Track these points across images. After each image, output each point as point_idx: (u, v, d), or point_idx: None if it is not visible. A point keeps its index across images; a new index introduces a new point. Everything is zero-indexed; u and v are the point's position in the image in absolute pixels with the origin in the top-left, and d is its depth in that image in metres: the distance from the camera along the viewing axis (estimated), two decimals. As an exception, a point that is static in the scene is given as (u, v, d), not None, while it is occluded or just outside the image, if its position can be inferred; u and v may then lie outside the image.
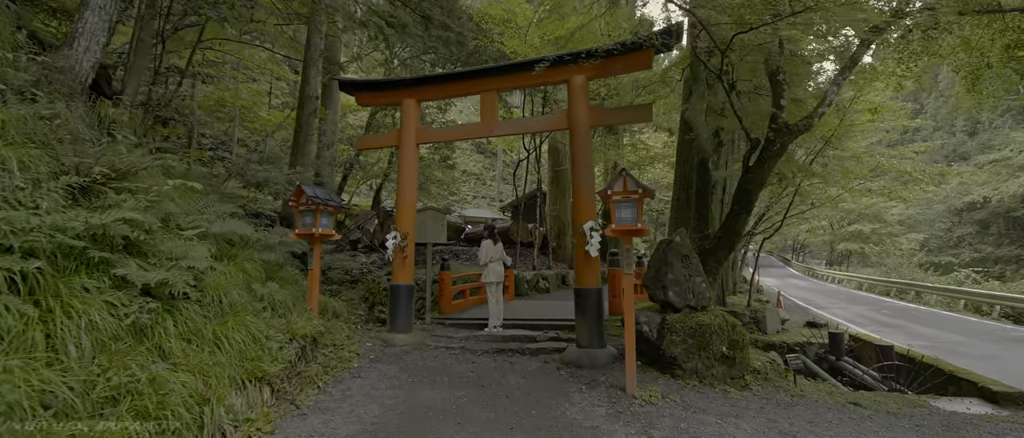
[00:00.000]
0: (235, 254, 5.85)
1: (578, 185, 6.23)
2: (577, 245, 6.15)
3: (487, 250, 7.74)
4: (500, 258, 7.75)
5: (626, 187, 4.73)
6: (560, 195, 19.68)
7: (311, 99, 10.45)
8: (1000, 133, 32.16)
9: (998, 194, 28.29)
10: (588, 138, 6.28)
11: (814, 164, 11.19)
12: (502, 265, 7.78)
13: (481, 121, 6.87)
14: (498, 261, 7.71)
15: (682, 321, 5.38)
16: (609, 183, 4.81)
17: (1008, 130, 31.69)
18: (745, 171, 6.46)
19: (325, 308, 7.16)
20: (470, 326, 8.16)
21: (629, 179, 4.72)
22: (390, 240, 6.99)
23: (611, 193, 4.77)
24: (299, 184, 5.85)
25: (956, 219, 31.97)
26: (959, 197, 29.90)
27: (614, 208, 4.79)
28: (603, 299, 6.14)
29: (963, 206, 31.13)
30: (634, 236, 4.86)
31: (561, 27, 12.36)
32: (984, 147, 31.79)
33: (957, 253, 30.57)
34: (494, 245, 7.81)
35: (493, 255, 7.71)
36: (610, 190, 4.74)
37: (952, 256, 30.34)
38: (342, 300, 8.90)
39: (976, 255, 30.01)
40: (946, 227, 32.12)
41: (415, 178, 7.24)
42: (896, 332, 11.49)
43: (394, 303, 6.96)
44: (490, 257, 7.70)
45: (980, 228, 31.69)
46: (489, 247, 7.77)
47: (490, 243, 7.82)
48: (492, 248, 7.76)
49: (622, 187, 4.75)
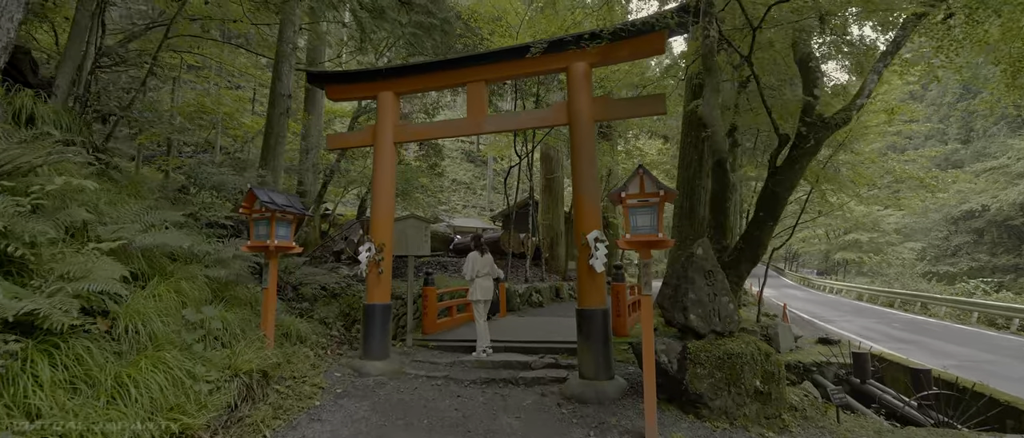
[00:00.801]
0: (173, 272, 4.89)
1: (580, 189, 5.37)
2: (579, 258, 5.28)
3: (474, 263, 6.84)
4: (489, 272, 6.90)
5: (643, 188, 3.87)
6: (553, 204, 18.87)
7: (283, 97, 9.54)
8: (996, 140, 31.97)
9: (997, 202, 27.94)
10: (591, 134, 5.43)
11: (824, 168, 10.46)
12: (491, 280, 6.94)
13: (468, 116, 6.00)
14: (487, 276, 6.86)
15: (707, 350, 4.50)
16: (623, 184, 3.94)
17: (1004, 137, 31.50)
18: (772, 172, 5.65)
19: (288, 332, 6.20)
20: (457, 348, 7.23)
21: (647, 179, 3.87)
22: (363, 252, 6.07)
23: (625, 196, 3.90)
24: (251, 186, 4.92)
25: (953, 228, 31.61)
26: (957, 205, 29.55)
27: (628, 214, 3.92)
28: (610, 321, 5.26)
29: (960, 215, 30.79)
30: (653, 248, 3.99)
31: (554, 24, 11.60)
32: (979, 155, 31.57)
33: (954, 262, 30.15)
34: (481, 257, 6.93)
35: (480, 268, 6.83)
36: (624, 193, 3.88)
37: (950, 265, 29.91)
38: (314, 320, 7.93)
39: (974, 264, 29.59)
40: (943, 236, 31.75)
41: (392, 181, 6.35)
42: (915, 348, 10.72)
43: (368, 325, 6.02)
44: (477, 271, 6.81)
45: (976, 237, 31.35)
46: (476, 259, 6.88)
47: (477, 255, 6.93)
48: (479, 260, 6.88)
49: (638, 188, 3.88)
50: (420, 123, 6.51)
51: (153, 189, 6.93)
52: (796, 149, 5.46)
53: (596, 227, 5.27)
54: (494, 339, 7.24)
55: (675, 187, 12.26)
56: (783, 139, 5.55)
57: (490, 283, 6.91)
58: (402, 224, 7.62)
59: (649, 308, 3.92)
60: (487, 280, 6.89)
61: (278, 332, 6.24)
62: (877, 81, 5.44)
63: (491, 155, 32.31)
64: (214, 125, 20.87)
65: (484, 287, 6.83)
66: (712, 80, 6.57)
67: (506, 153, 25.84)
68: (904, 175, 12.59)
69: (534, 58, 5.65)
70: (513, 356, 6.61)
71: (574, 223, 5.43)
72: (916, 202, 14.15)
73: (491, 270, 6.94)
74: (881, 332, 13.02)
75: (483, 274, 6.86)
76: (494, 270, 6.99)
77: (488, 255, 7.07)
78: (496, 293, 7.77)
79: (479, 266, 6.86)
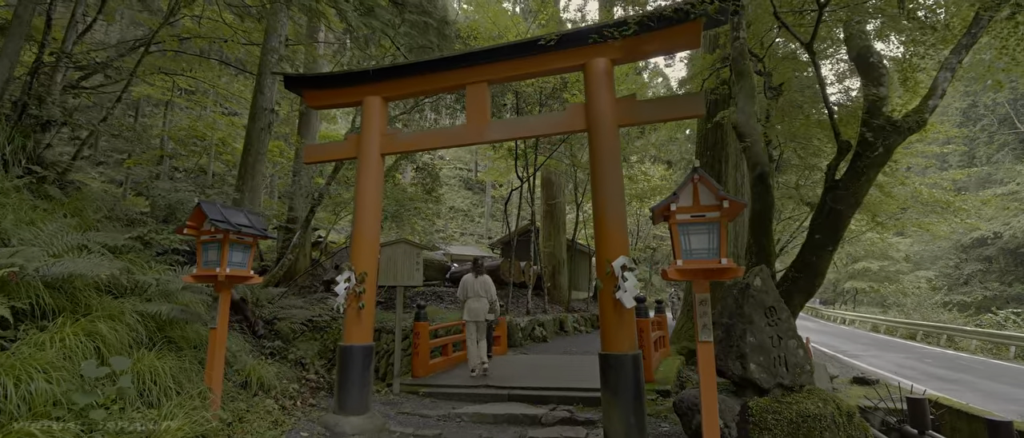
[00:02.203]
0: (93, 307, 3.88)
1: (603, 207, 4.44)
2: (603, 292, 4.30)
3: (468, 286, 6.92)
4: (484, 294, 6.86)
5: (698, 200, 2.94)
6: (555, 231, 17.98)
7: (265, 111, 8.69)
8: (1001, 167, 31.43)
9: (1009, 229, 27.14)
10: (615, 141, 4.54)
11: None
12: (485, 302, 6.86)
13: (468, 122, 5.12)
14: (479, 297, 6.83)
15: (775, 410, 3.48)
16: (670, 195, 3.01)
17: (1010, 164, 30.97)
18: (829, 186, 4.74)
19: (248, 379, 5.14)
20: (451, 396, 6.17)
21: (704, 187, 2.94)
22: (341, 282, 5.07)
23: (674, 210, 2.96)
24: (198, 201, 3.96)
25: (963, 256, 30.71)
26: (966, 233, 28.75)
27: (678, 234, 2.98)
28: (642, 370, 4.24)
29: (970, 242, 29.94)
30: (712, 278, 3.03)
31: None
32: (985, 182, 30.98)
33: (968, 292, 29.12)
34: (475, 278, 6.95)
35: (471, 290, 6.88)
36: (673, 204, 2.94)
37: (963, 295, 28.87)
38: (288, 361, 6.87)
39: (987, 293, 28.56)
40: (953, 264, 30.82)
41: (379, 199, 5.41)
42: (962, 389, 9.65)
43: (345, 372, 4.97)
44: (469, 293, 6.89)
45: (986, 265, 30.45)
46: (470, 281, 6.95)
47: (471, 277, 6.98)
48: (473, 282, 6.93)
49: (692, 199, 2.95)
50: (412, 132, 5.64)
51: (102, 209, 5.97)
52: (861, 159, 4.57)
53: (623, 252, 4.32)
54: (494, 385, 6.20)
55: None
56: (843, 147, 4.67)
57: (481, 305, 6.82)
58: (391, 250, 6.66)
59: (710, 361, 2.93)
60: (479, 301, 6.82)
61: (237, 379, 5.18)
62: (950, 79, 4.62)
63: (490, 181, 31.54)
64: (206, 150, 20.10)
65: (473, 309, 6.80)
66: (746, 85, 5.74)
67: (505, 179, 25.05)
68: (931, 199, 11.73)
69: (546, 54, 4.81)
70: (518, 407, 5.55)
71: (596, 247, 4.48)
72: (942, 227, 13.27)
73: (487, 293, 6.87)
74: (916, 369, 11.93)
75: (474, 295, 6.86)
76: (489, 293, 6.91)
77: (484, 277, 7.00)
78: (494, 322, 7.58)
79: (473, 288, 6.88)
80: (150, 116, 21.41)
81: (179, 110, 20.14)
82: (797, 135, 8.11)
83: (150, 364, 3.69)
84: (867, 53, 4.68)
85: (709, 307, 2.99)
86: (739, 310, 3.82)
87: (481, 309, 6.80)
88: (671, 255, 3.33)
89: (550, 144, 15.86)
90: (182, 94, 18.89)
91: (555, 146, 15.68)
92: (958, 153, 36.79)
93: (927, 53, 4.90)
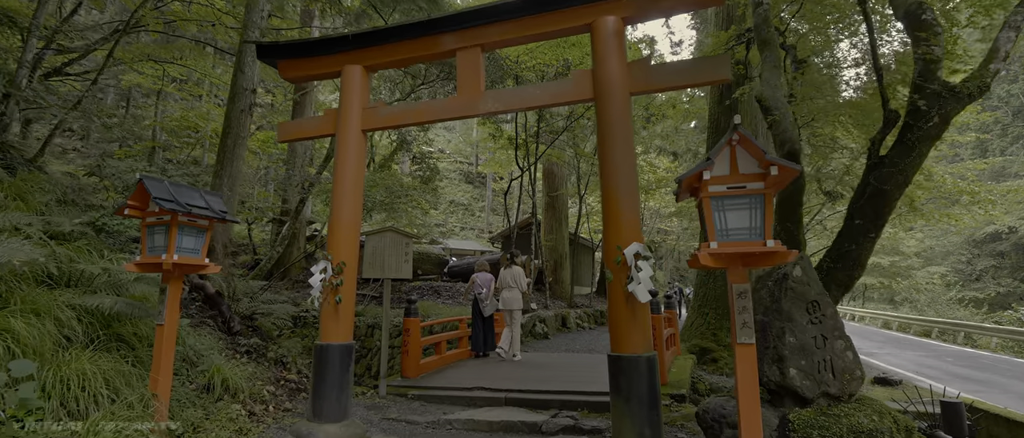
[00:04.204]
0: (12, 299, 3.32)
1: (613, 186, 3.85)
2: (612, 284, 3.71)
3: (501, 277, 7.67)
4: (515, 285, 7.54)
5: (736, 166, 2.34)
6: (556, 224, 17.40)
7: (246, 92, 8.08)
8: (1016, 160, 30.63)
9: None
10: (626, 111, 3.94)
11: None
12: (518, 292, 7.58)
13: (460, 93, 4.52)
14: (511, 288, 7.53)
15: (822, 425, 2.90)
16: (701, 162, 2.41)
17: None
18: (873, 163, 4.12)
19: (211, 382, 4.58)
20: (444, 400, 5.60)
21: (746, 148, 2.35)
22: (316, 273, 4.49)
23: (707, 180, 2.37)
24: (140, 176, 3.38)
25: (975, 251, 29.97)
26: (979, 227, 28.03)
27: (711, 210, 2.38)
28: (657, 374, 3.65)
29: (983, 237, 29.20)
30: (754, 265, 2.44)
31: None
32: (999, 175, 30.18)
33: (981, 288, 28.41)
34: (507, 270, 7.68)
35: (507, 281, 7.58)
36: (706, 172, 2.33)
37: (976, 291, 28.16)
38: (266, 361, 6.33)
39: (1000, 289, 27.85)
40: (965, 260, 30.09)
41: (360, 181, 4.83)
42: (993, 391, 9.05)
43: (320, 374, 4.40)
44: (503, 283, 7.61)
45: (998, 261, 29.72)
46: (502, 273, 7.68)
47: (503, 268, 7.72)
48: (506, 273, 7.65)
49: (728, 166, 2.36)
50: (396, 105, 5.05)
51: (53, 193, 5.40)
52: (911, 130, 3.95)
53: (636, 238, 3.72)
54: (489, 387, 5.63)
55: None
56: (890, 118, 4.06)
57: (514, 295, 7.50)
58: (377, 239, 6.08)
59: (751, 368, 2.34)
60: (511, 291, 7.49)
61: (200, 382, 4.63)
62: (1015, 40, 4.00)
63: (490, 173, 30.96)
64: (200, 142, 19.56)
65: (506, 299, 7.47)
66: (771, 55, 5.15)
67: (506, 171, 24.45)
68: (955, 189, 11.08)
69: (547, 13, 4.21)
70: (516, 413, 4.99)
71: (605, 233, 3.89)
72: (966, 219, 12.61)
73: (516, 283, 7.55)
74: (938, 368, 11.32)
75: (506, 286, 7.51)
76: (520, 283, 7.58)
77: (515, 268, 7.71)
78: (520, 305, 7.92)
79: (505, 279, 7.56)
80: (143, 106, 20.88)
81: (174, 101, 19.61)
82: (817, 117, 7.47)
83: (79, 368, 3.12)
84: (919, 9, 4.05)
85: (749, 301, 2.40)
86: (776, 305, 3.23)
87: (514, 299, 7.47)
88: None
89: (552, 133, 15.27)
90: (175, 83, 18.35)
91: (557, 134, 15.07)
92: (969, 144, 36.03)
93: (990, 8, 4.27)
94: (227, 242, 8.14)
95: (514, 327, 7.51)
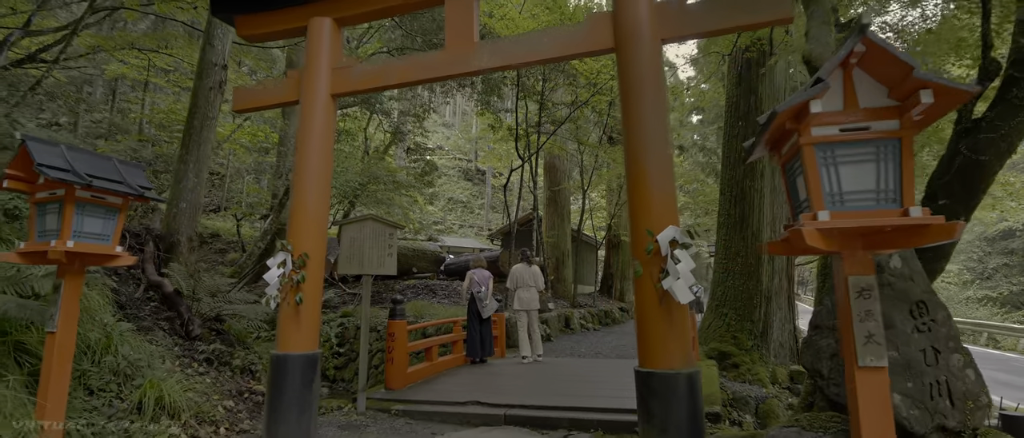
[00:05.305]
0: None
1: (640, 157, 3.04)
2: (642, 279, 2.90)
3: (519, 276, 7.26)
4: (533, 284, 7.19)
5: (854, 96, 1.51)
6: (558, 220, 16.60)
7: (215, 67, 7.28)
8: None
9: (1042, 220, 25.61)
10: (656, 61, 3.13)
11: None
12: (536, 292, 7.25)
13: (448, 47, 3.70)
14: (529, 287, 7.17)
15: (945, 474, 2.08)
16: (804, 89, 1.58)
17: (1041, 151, 29.35)
18: (963, 130, 3.29)
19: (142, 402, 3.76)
20: (433, 417, 4.78)
21: (870, 71, 1.50)
22: (273, 268, 3.68)
23: (809, 119, 1.53)
24: (23, 138, 2.56)
25: (988, 249, 29.15)
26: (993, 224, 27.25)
27: (817, 163, 1.55)
28: (700, 396, 2.84)
29: (996, 234, 28.37)
30: (881, 247, 1.61)
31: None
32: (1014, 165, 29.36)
33: (992, 287, 27.61)
34: (527, 268, 7.29)
35: (526, 279, 7.21)
36: (815, 102, 1.50)
37: (988, 290, 27.36)
38: (230, 369, 5.51)
39: (1014, 288, 27.05)
40: (977, 257, 29.27)
41: (328, 157, 4.01)
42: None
43: (276, 392, 3.57)
44: (521, 282, 7.22)
45: (1009, 259, 28.91)
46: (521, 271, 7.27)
47: (523, 266, 7.32)
48: (524, 271, 7.26)
49: (842, 98, 1.52)
50: (372, 63, 4.21)
51: None
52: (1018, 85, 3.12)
53: (671, 220, 2.92)
54: (486, 402, 4.82)
55: (719, 190, 9.95)
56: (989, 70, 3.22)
57: (531, 294, 7.13)
58: (355, 230, 5.25)
59: (882, 401, 1.52)
60: (529, 291, 7.13)
61: (131, 400, 3.81)
62: None
63: (489, 168, 30.15)
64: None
65: (524, 298, 7.09)
66: (818, 8, 4.34)
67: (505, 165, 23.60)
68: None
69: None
70: (518, 434, 4.17)
71: (631, 215, 3.07)
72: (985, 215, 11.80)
73: (535, 282, 7.21)
74: (970, 373, 10.51)
75: (524, 285, 7.16)
76: (538, 282, 7.27)
77: (534, 267, 7.35)
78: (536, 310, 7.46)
79: (523, 277, 7.19)
80: (131, 100, 20.05)
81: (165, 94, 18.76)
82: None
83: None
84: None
85: (876, 303, 1.58)
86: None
87: (531, 299, 7.14)
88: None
89: (553, 123, 14.45)
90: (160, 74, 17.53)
91: (559, 123, 14.26)
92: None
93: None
94: (194, 235, 7.32)
95: (533, 328, 7.20)
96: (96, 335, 3.99)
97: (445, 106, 36.96)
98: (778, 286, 8.67)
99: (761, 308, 8.34)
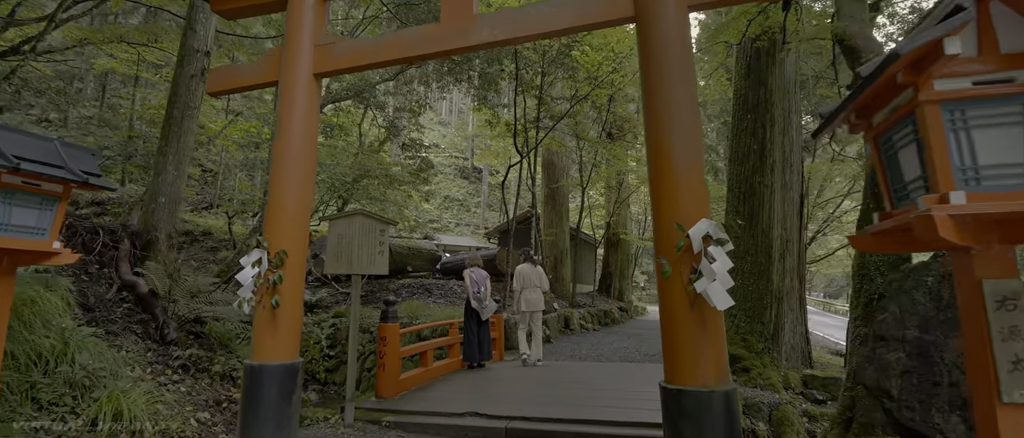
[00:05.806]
0: None
1: (663, 141, 2.65)
2: (670, 280, 2.50)
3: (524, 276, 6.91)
4: (539, 285, 6.96)
5: (994, 40, 1.11)
6: (557, 218, 16.25)
7: (197, 54, 6.84)
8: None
9: None
10: (683, 32, 2.74)
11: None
12: (540, 293, 7.01)
13: (444, 20, 3.30)
14: (535, 287, 6.90)
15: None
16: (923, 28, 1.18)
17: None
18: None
19: (99, 416, 3.34)
20: (427, 429, 4.37)
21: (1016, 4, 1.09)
22: (247, 266, 3.26)
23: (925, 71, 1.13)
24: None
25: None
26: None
27: (943, 128, 1.14)
28: (738, 417, 2.45)
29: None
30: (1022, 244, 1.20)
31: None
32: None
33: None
34: (532, 268, 6.99)
35: (532, 280, 6.91)
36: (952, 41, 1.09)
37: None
38: (209, 375, 5.09)
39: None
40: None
41: (311, 145, 3.60)
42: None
43: (250, 406, 3.16)
44: (527, 283, 6.90)
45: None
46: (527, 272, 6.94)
47: (528, 266, 7.00)
48: (530, 272, 6.95)
49: (976, 44, 1.12)
50: (359, 39, 3.79)
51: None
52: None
53: (702, 213, 2.52)
54: (485, 414, 4.41)
55: (726, 187, 9.58)
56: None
57: (537, 295, 6.89)
58: (343, 225, 4.83)
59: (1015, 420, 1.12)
60: (534, 292, 6.88)
61: (87, 415, 3.38)
62: None
63: (486, 165, 29.74)
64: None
65: (529, 300, 6.82)
66: (854, -18, 3.97)
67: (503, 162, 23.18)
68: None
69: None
70: (523, 452, 3.76)
71: (654, 206, 2.68)
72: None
73: (541, 283, 7.01)
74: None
75: (530, 286, 6.89)
76: (544, 283, 7.07)
77: (539, 268, 7.14)
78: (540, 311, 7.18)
79: (529, 278, 6.88)
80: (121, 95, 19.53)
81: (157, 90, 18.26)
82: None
83: None
84: None
85: (1020, 307, 1.19)
86: (945, 314, 2.02)
87: (537, 300, 6.89)
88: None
89: (552, 118, 14.06)
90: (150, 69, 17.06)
91: (558, 118, 13.87)
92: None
93: None
94: (174, 231, 6.87)
95: (536, 331, 6.95)
96: (51, 342, 3.56)
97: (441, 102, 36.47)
98: (789, 286, 8.32)
99: (772, 309, 7.97)
